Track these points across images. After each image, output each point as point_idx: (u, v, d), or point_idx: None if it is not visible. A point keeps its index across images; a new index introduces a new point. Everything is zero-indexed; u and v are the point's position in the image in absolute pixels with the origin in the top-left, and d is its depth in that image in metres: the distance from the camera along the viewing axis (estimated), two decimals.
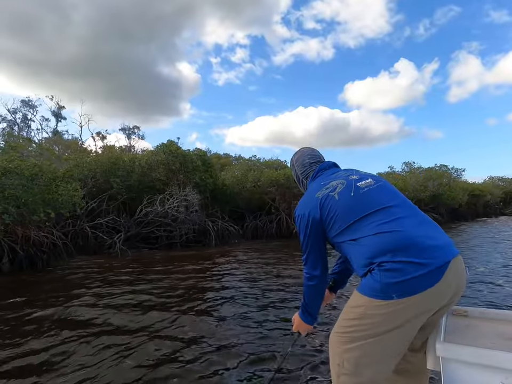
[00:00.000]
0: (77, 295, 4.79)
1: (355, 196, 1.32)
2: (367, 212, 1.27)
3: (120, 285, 5.44)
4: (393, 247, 1.16)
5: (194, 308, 4.26)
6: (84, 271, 6.69)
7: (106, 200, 10.87)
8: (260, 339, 3.22)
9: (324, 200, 1.35)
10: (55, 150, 13.32)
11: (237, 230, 12.49)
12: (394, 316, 1.14)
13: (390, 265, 1.14)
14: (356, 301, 1.24)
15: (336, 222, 1.30)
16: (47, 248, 7.61)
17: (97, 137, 24.85)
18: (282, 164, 15.55)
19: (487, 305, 4.12)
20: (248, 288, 5.26)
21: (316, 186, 1.46)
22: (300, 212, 1.41)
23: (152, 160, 11.52)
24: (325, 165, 1.59)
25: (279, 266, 7.17)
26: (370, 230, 1.22)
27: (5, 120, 27.56)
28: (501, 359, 1.01)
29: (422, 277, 1.10)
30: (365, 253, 1.22)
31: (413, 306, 1.13)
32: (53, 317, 3.93)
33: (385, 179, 1.51)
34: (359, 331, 1.20)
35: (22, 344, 3.12)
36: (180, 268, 7.15)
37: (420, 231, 1.23)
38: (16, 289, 5.34)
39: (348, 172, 1.48)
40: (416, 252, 1.14)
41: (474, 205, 26.96)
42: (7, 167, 6.29)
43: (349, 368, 1.22)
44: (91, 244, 9.68)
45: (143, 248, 10.34)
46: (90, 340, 3.20)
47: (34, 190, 6.62)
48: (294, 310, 3.77)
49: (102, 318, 3.84)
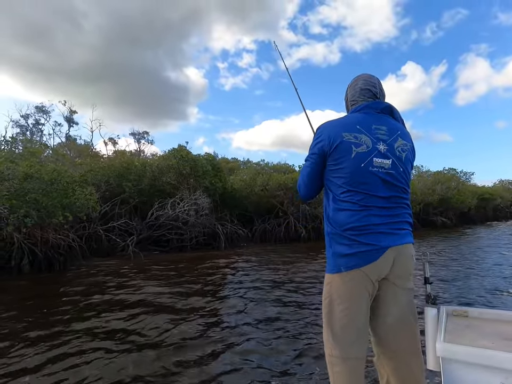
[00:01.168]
0: (121, 285, 5.01)
1: (364, 168, 1.35)
2: (358, 189, 1.34)
3: (160, 283, 5.65)
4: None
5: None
6: (104, 271, 6.92)
7: (118, 203, 11.15)
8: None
9: (344, 145, 1.35)
10: (68, 155, 13.68)
11: (245, 233, 12.66)
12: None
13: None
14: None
15: (336, 173, 1.38)
16: (63, 250, 7.88)
17: (109, 142, 25.31)
18: (290, 168, 15.72)
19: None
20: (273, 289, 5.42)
21: (347, 122, 1.42)
22: (322, 133, 1.42)
23: (163, 165, 11.79)
24: (377, 106, 1.48)
25: (292, 268, 7.31)
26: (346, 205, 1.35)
27: (17, 125, 28.24)
28: (500, 359, 1.01)
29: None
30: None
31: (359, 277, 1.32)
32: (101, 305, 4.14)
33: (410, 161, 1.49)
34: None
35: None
36: (207, 268, 7.34)
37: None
38: (55, 285, 5.59)
39: (386, 136, 1.42)
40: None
41: (484, 209, 26.72)
42: (28, 172, 6.57)
43: (337, 354, 1.32)
44: (104, 247, 9.94)
45: (155, 250, 10.57)
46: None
47: (53, 194, 6.89)
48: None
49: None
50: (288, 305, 4.51)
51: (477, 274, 6.42)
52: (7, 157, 6.54)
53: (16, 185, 6.41)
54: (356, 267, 1.30)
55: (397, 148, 1.41)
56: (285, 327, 3.66)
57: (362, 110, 1.46)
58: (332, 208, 1.38)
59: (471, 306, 4.10)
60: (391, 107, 1.49)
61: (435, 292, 4.64)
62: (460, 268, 7.20)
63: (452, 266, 7.34)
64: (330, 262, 1.38)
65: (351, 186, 1.34)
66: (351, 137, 1.35)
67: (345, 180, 1.35)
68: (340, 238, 1.34)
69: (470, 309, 1.43)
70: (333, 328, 1.34)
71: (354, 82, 1.56)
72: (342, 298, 1.33)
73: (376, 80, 1.55)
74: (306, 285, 5.70)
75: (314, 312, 4.15)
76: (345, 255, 1.32)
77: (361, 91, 1.51)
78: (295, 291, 5.27)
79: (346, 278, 1.32)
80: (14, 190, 6.37)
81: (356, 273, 1.31)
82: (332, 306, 1.35)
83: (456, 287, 5.40)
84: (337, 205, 1.37)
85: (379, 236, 1.32)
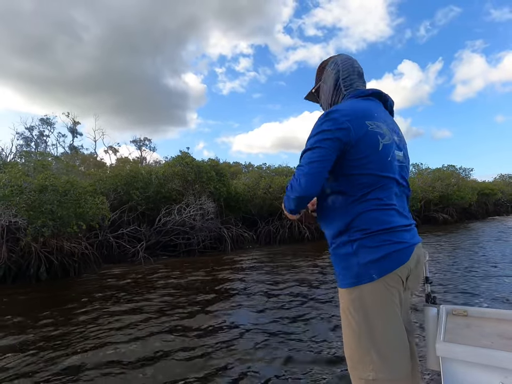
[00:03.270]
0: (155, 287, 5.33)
1: (390, 161, 1.21)
2: (383, 185, 1.20)
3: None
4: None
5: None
6: (119, 276, 7.25)
7: (127, 211, 11.49)
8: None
9: (370, 136, 1.18)
10: (76, 166, 14.07)
11: (250, 235, 12.98)
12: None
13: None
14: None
15: (358, 168, 1.19)
16: (78, 258, 8.22)
17: (110, 150, 25.74)
18: (292, 170, 16.04)
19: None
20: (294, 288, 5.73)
21: (365, 110, 1.23)
22: (340, 116, 1.18)
23: (169, 172, 12.14)
24: (380, 94, 1.34)
25: (297, 267, 7.62)
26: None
27: (21, 137, 28.73)
28: (500, 358, 1.01)
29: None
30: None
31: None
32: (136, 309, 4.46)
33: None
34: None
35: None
36: (216, 269, 7.66)
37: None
38: (73, 291, 5.92)
39: (392, 126, 1.30)
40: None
41: (485, 204, 26.94)
42: (43, 184, 6.91)
43: (385, 376, 1.13)
44: (115, 253, 10.27)
45: (163, 255, 10.89)
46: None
47: (67, 204, 7.23)
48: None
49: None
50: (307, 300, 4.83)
51: (478, 270, 6.71)
52: (24, 171, 6.88)
53: (33, 197, 6.76)
54: (389, 271, 1.15)
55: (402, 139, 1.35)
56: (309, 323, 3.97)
57: (370, 97, 1.31)
58: (357, 211, 1.19)
59: (471, 305, 4.30)
60: (382, 94, 1.36)
61: (437, 290, 4.93)
62: (460, 262, 7.49)
63: (455, 259, 7.63)
64: (353, 272, 1.18)
65: (378, 182, 1.19)
66: (374, 126, 1.19)
67: (371, 176, 1.18)
68: (370, 241, 1.16)
69: (470, 308, 1.41)
70: (377, 347, 1.14)
71: (350, 61, 1.37)
72: (381, 311, 1.15)
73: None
74: (314, 279, 6.01)
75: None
76: (377, 259, 1.15)
77: (358, 74, 1.36)
78: (310, 286, 5.58)
79: (381, 285, 1.15)
80: (31, 202, 6.72)
81: (391, 278, 1.16)
82: (370, 321, 1.15)
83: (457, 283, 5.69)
84: (362, 205, 1.19)
85: (404, 234, 1.21)
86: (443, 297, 4.67)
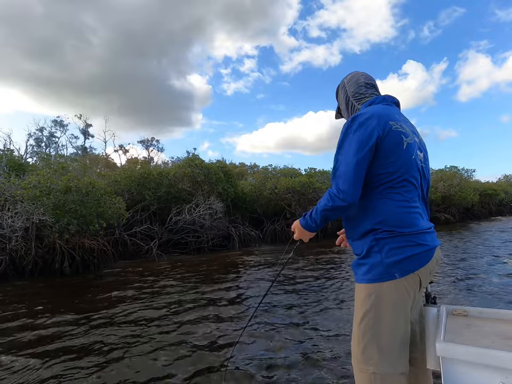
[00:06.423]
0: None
1: (414, 161, 1.26)
2: (409, 185, 1.25)
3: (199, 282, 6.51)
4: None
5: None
6: (138, 271, 7.81)
7: (139, 210, 12.07)
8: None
9: (395, 135, 1.22)
10: (91, 166, 14.68)
11: (257, 234, 13.52)
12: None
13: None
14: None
15: (386, 168, 1.22)
16: (97, 254, 8.80)
17: (120, 150, 26.40)
18: (297, 171, 16.55)
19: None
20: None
21: (385, 112, 1.28)
22: (371, 119, 1.22)
23: (179, 173, 12.71)
24: (392, 99, 1.40)
25: (302, 263, 8.13)
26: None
27: (32, 137, 29.50)
28: (500, 358, 1.01)
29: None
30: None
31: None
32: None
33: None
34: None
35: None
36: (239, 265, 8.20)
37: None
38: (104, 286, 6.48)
39: (412, 128, 1.34)
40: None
41: (488, 204, 27.19)
42: (68, 185, 7.49)
43: (385, 371, 1.19)
44: (130, 250, 10.86)
45: (175, 252, 11.47)
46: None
47: (89, 204, 7.80)
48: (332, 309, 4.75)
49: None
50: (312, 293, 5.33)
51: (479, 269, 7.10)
52: (50, 175, 7.46)
53: (59, 197, 7.33)
54: (412, 271, 1.20)
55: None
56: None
57: (383, 102, 1.37)
58: (383, 211, 1.23)
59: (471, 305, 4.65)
60: (399, 102, 1.44)
61: (437, 290, 5.03)
62: (461, 260, 7.93)
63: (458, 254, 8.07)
64: (376, 270, 1.22)
65: (404, 181, 1.24)
66: (398, 126, 1.24)
67: (398, 175, 1.23)
68: (396, 242, 1.20)
69: (470, 308, 1.42)
70: (381, 342, 1.21)
71: (353, 78, 1.48)
72: (393, 309, 1.21)
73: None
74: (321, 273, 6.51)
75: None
76: (401, 259, 1.19)
77: (366, 85, 1.44)
78: (316, 279, 6.09)
79: (400, 284, 1.20)
80: (57, 202, 7.29)
81: (411, 278, 1.21)
82: (379, 318, 1.22)
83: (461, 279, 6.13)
84: (388, 206, 1.23)
85: (426, 236, 1.26)
86: (443, 297, 4.70)
